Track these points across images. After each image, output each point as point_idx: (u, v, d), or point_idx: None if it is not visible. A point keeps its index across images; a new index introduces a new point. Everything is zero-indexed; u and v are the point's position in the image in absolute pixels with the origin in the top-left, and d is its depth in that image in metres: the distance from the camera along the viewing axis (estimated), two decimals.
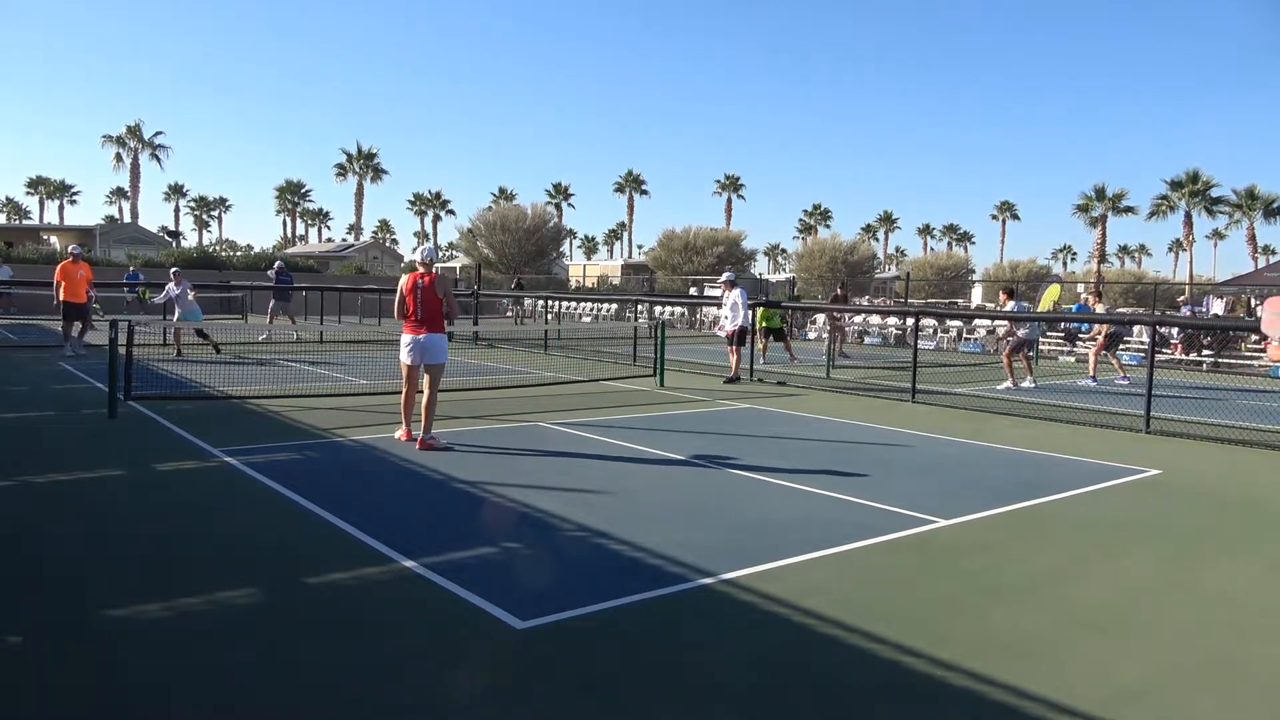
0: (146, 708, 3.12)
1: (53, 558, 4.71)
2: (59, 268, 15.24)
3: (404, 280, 7.77)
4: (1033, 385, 13.94)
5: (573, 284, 49.37)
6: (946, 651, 3.67)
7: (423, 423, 7.71)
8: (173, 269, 17.46)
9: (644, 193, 74.37)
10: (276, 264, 22.20)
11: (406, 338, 7.73)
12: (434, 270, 7.72)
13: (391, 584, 4.37)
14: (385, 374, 12.42)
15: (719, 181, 72.94)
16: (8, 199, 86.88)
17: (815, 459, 7.78)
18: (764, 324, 17.21)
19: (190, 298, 15.22)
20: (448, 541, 5.06)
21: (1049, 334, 22.49)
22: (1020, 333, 13.96)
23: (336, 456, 7.41)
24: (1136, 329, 19.40)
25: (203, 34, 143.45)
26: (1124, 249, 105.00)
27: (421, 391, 7.77)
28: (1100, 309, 17.11)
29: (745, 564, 4.72)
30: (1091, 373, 15.16)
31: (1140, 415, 9.82)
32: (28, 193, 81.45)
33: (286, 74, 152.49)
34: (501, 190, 73.76)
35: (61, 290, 14.97)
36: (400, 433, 8.01)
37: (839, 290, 22.02)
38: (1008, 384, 13.67)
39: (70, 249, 16.43)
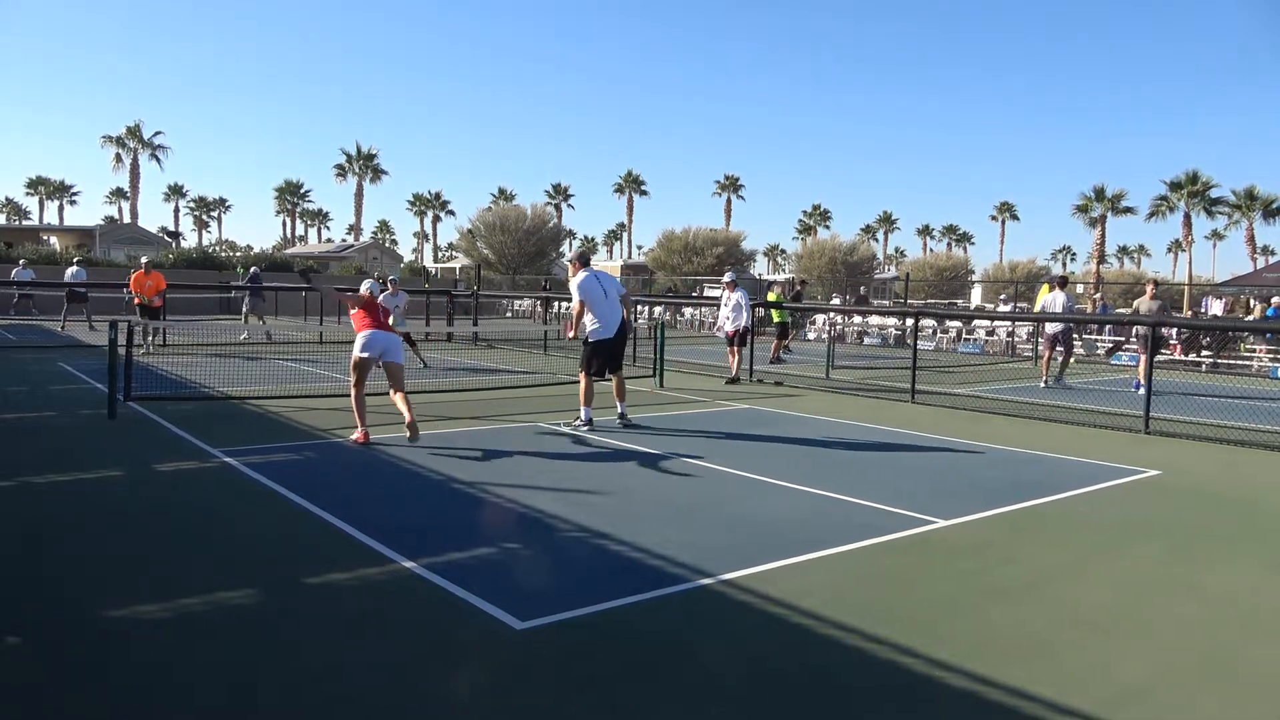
0: (145, 708, 3.12)
1: (52, 558, 4.71)
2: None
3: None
4: (1044, 386, 13.95)
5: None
6: (946, 651, 3.67)
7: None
8: (391, 278, 16.41)
9: (644, 193, 74.41)
10: (253, 269, 23.47)
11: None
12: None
13: (391, 584, 4.37)
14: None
15: (719, 182, 72.99)
16: (7, 199, 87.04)
17: (815, 459, 7.78)
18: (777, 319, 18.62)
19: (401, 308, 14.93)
20: (448, 541, 5.06)
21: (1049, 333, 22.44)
22: (1051, 328, 14.23)
23: (336, 457, 7.41)
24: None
25: (202, 34, 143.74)
26: (1123, 249, 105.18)
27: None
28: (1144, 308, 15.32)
29: (744, 564, 4.71)
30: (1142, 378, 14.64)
31: (1140, 415, 9.82)
32: (27, 193, 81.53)
33: (287, 74, 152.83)
34: (501, 190, 73.84)
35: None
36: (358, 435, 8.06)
37: (799, 287, 23.35)
38: (1045, 381, 13.88)
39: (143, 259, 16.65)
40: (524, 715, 3.12)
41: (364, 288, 8.65)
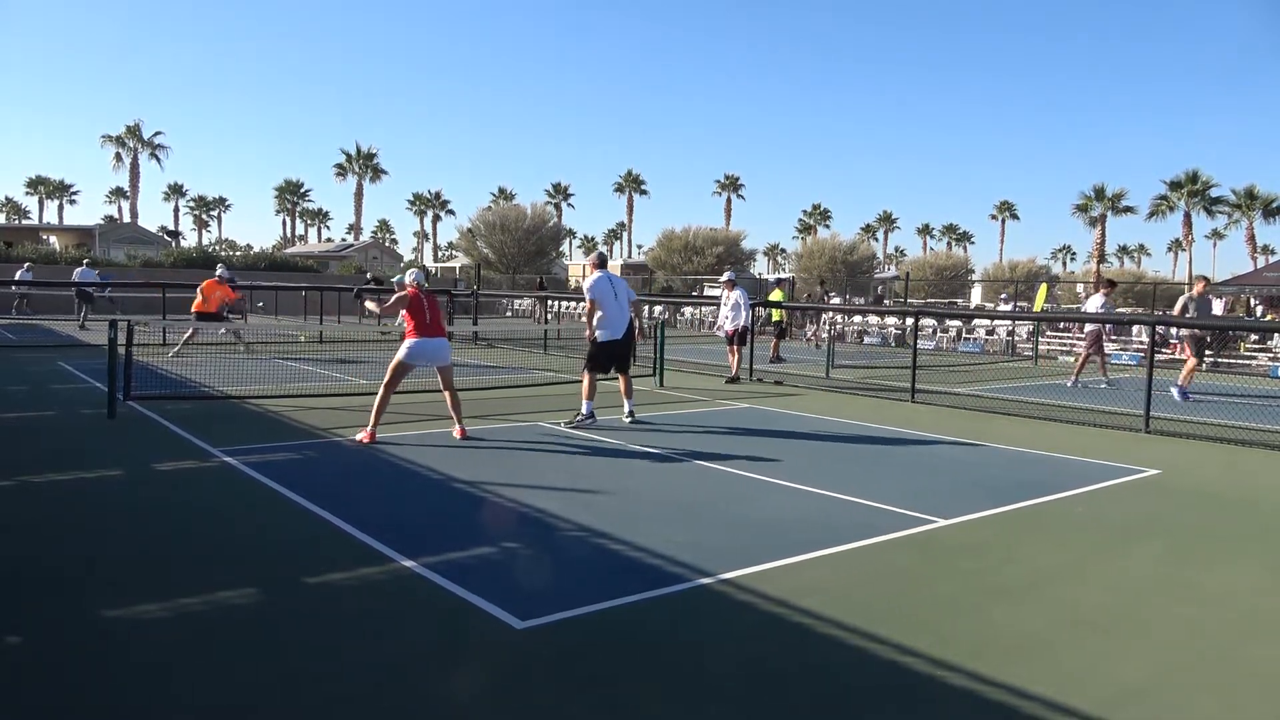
0: (145, 708, 3.12)
1: (52, 558, 4.70)
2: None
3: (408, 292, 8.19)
4: (1105, 385, 14.00)
5: (572, 284, 49.33)
6: (946, 651, 3.67)
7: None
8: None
9: (643, 193, 74.51)
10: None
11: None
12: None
13: (391, 584, 4.37)
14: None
15: (719, 181, 73.09)
16: (7, 199, 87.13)
17: (815, 459, 7.78)
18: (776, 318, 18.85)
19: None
20: (448, 541, 5.06)
21: (1049, 333, 22.51)
22: (1090, 328, 14.70)
23: (336, 456, 7.41)
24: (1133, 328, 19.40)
25: (202, 34, 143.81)
26: (1123, 249, 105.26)
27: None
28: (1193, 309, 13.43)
29: (745, 564, 4.71)
30: (1184, 382, 12.85)
31: (1140, 415, 9.82)
32: (27, 192, 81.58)
33: (287, 74, 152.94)
34: (501, 190, 73.94)
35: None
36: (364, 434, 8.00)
37: (820, 287, 23.58)
38: (1105, 381, 14.22)
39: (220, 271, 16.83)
40: (524, 715, 3.12)
41: (409, 278, 8.31)
